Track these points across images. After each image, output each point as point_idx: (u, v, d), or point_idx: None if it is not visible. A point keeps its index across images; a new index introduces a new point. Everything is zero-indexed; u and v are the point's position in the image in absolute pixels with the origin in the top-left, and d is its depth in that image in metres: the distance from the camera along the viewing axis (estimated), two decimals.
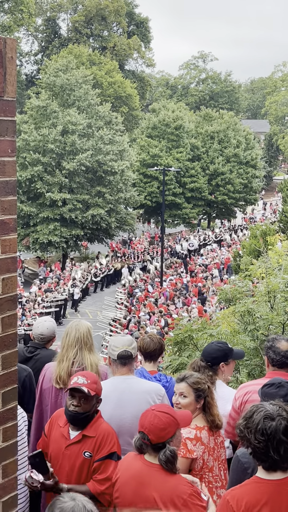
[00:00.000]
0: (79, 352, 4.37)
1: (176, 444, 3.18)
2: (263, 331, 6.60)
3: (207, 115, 52.09)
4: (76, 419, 3.63)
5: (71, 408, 3.62)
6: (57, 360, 4.47)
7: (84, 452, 3.59)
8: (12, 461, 2.83)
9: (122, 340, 4.25)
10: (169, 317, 25.39)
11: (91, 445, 3.58)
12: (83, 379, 3.62)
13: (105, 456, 3.55)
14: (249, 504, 2.74)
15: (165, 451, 3.10)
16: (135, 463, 3.23)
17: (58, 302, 28.95)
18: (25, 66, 68.24)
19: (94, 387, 3.60)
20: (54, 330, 5.51)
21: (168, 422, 3.13)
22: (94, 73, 51.98)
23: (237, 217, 52.98)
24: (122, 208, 39.53)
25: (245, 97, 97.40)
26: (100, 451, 3.56)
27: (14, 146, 2.71)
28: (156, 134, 47.98)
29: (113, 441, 3.60)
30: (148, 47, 70.96)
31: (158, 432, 3.12)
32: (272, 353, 4.23)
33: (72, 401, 3.61)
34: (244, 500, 2.76)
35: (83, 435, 3.63)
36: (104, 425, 3.66)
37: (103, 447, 3.56)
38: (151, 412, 3.18)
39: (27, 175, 35.07)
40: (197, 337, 7.25)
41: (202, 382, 3.94)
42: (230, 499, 2.80)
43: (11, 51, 2.62)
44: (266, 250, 8.55)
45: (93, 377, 3.66)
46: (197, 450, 3.74)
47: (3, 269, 2.70)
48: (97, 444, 3.57)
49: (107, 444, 3.57)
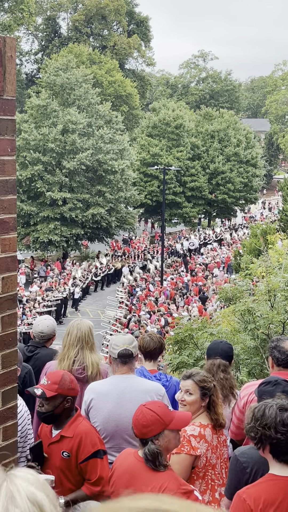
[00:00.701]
0: (80, 351, 4.39)
1: (165, 444, 3.17)
2: (263, 330, 6.61)
3: (207, 114, 52.05)
4: (41, 418, 3.69)
5: (37, 408, 3.70)
6: (58, 359, 4.48)
7: (63, 452, 3.60)
8: (13, 460, 2.83)
9: (123, 339, 4.26)
10: (170, 316, 25.40)
11: (68, 446, 3.58)
12: (44, 380, 3.67)
13: (89, 456, 3.55)
14: (267, 502, 2.75)
15: (146, 448, 3.13)
16: (128, 458, 3.26)
17: (58, 301, 28.95)
18: (25, 65, 68.24)
19: (54, 388, 3.57)
20: (54, 328, 5.52)
21: (152, 420, 3.13)
22: (94, 72, 51.94)
23: (237, 216, 52.98)
24: (122, 207, 39.53)
25: (245, 96, 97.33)
26: (81, 452, 3.55)
27: (14, 145, 2.71)
28: (156, 133, 47.96)
29: (94, 440, 3.58)
30: (148, 46, 70.92)
31: (140, 427, 3.15)
32: (277, 352, 4.23)
33: (38, 402, 3.69)
34: (261, 498, 2.77)
35: (61, 436, 3.65)
36: (82, 425, 3.64)
37: (83, 447, 3.55)
38: (141, 407, 3.23)
39: (27, 174, 35.06)
40: (197, 336, 7.26)
41: (208, 380, 3.96)
42: (247, 497, 2.81)
43: (10, 50, 2.62)
44: (266, 249, 8.55)
45: (55, 377, 3.64)
46: (201, 448, 3.76)
47: (3, 268, 2.70)
48: (76, 445, 3.56)
49: (87, 444, 3.55)
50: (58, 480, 3.58)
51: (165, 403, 4.25)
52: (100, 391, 4.08)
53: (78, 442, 3.55)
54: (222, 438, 3.93)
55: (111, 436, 4.05)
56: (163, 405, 3.26)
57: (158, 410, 3.18)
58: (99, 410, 4.05)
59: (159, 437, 3.14)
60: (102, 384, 4.18)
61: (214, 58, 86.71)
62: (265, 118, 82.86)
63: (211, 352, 4.74)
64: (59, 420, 3.66)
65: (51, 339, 5.52)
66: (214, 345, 4.83)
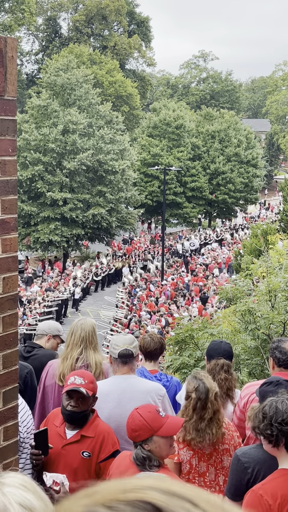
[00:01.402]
0: (84, 351, 4.39)
1: (156, 450, 3.16)
2: (264, 330, 6.61)
3: (208, 115, 52.06)
4: (73, 418, 3.64)
5: (69, 408, 3.61)
6: (61, 358, 4.49)
7: (83, 452, 3.59)
8: (13, 460, 2.83)
9: (123, 339, 4.26)
10: (170, 316, 25.39)
11: (90, 445, 3.58)
12: (80, 379, 3.61)
13: (109, 455, 3.58)
14: (285, 497, 2.77)
15: (135, 452, 3.17)
16: (124, 461, 3.29)
17: (59, 301, 28.96)
18: (25, 65, 68.24)
19: (91, 387, 3.60)
20: (49, 327, 5.52)
21: (139, 425, 3.15)
22: (95, 72, 51.94)
23: (238, 217, 52.97)
24: (123, 207, 39.52)
25: (245, 96, 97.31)
26: (102, 451, 3.58)
27: (14, 145, 2.71)
28: (157, 133, 47.95)
29: (114, 440, 3.63)
30: (149, 46, 70.92)
31: (130, 431, 3.18)
32: (279, 353, 4.23)
33: (69, 401, 3.61)
34: (278, 493, 2.79)
35: (81, 435, 3.63)
36: (102, 425, 3.67)
37: (105, 447, 3.58)
38: (133, 411, 3.24)
39: (28, 175, 35.06)
40: (198, 336, 7.26)
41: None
42: (264, 493, 2.82)
43: (11, 51, 2.63)
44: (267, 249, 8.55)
45: (89, 376, 3.66)
46: (183, 455, 3.76)
47: (3, 268, 2.70)
48: (98, 444, 3.57)
49: (109, 444, 3.59)
50: (75, 480, 3.55)
51: (166, 404, 4.26)
52: (101, 391, 4.07)
53: (101, 442, 3.58)
54: (222, 447, 3.86)
55: None
56: (153, 411, 3.22)
57: (147, 416, 3.17)
58: (99, 410, 4.05)
59: (147, 442, 3.15)
60: (103, 384, 4.17)
61: (215, 59, 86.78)
62: (265, 118, 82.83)
63: (213, 352, 4.71)
64: (88, 421, 3.67)
65: (44, 336, 5.49)
66: (215, 346, 4.79)
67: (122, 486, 0.57)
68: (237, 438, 3.96)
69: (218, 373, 4.40)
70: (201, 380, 3.80)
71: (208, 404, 3.72)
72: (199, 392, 3.74)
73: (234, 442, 3.91)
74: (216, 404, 3.78)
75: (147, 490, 0.56)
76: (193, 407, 3.75)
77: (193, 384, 3.80)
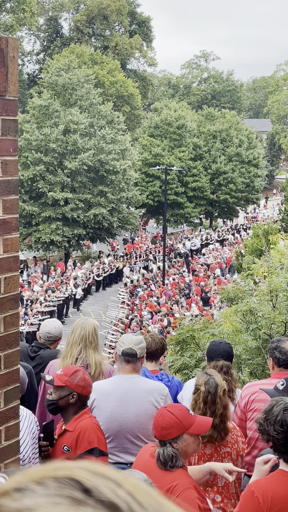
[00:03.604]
0: (83, 350, 4.39)
1: (184, 448, 3.15)
2: (265, 330, 6.60)
3: (209, 114, 52.06)
4: (46, 405, 3.75)
5: (47, 395, 3.77)
6: (61, 357, 4.50)
7: (63, 446, 3.62)
8: (15, 460, 2.84)
9: (131, 338, 4.25)
10: (172, 316, 25.39)
11: (69, 440, 3.60)
12: (60, 370, 3.76)
13: (84, 452, 3.54)
14: (276, 497, 2.79)
15: (163, 449, 3.12)
16: (146, 453, 3.27)
17: (60, 301, 28.97)
18: (27, 65, 68.27)
19: (64, 379, 3.63)
20: (61, 330, 5.54)
21: (171, 423, 3.11)
22: (96, 72, 51.93)
23: (239, 217, 52.97)
24: (124, 207, 39.51)
25: (247, 96, 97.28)
26: (78, 446, 3.56)
27: (16, 145, 2.71)
28: (158, 133, 47.95)
29: (92, 437, 3.56)
30: (150, 46, 70.92)
31: (160, 430, 3.14)
32: (278, 353, 4.23)
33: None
34: (269, 493, 2.81)
35: (64, 429, 3.68)
36: (85, 421, 3.64)
37: (80, 442, 3.56)
38: (162, 409, 3.23)
39: (29, 175, 35.07)
40: (199, 336, 7.26)
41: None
42: (255, 490, 2.84)
43: (13, 51, 2.63)
44: (268, 249, 8.55)
45: (69, 370, 3.72)
46: None
47: (5, 268, 2.70)
48: (74, 439, 3.57)
49: (84, 440, 3.55)
50: None
51: (168, 403, 4.25)
52: (103, 390, 4.08)
53: (77, 437, 3.56)
54: (224, 450, 3.84)
55: (114, 435, 4.05)
56: (184, 409, 3.23)
57: (178, 413, 3.16)
58: (101, 409, 4.05)
59: (177, 440, 3.13)
60: (105, 384, 4.17)
61: (216, 58, 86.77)
62: (267, 118, 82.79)
63: (212, 354, 4.69)
64: (64, 414, 3.70)
65: (57, 341, 5.52)
66: (214, 347, 4.76)
67: (55, 466, 0.61)
68: (242, 443, 3.93)
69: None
70: (211, 376, 3.82)
71: (217, 399, 3.73)
72: (209, 385, 3.75)
73: (238, 446, 3.88)
74: (225, 399, 3.80)
75: (76, 469, 0.60)
76: (203, 400, 3.76)
77: (203, 378, 3.82)
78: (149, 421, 4.09)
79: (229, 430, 3.83)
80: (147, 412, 4.03)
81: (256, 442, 4.23)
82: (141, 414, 4.04)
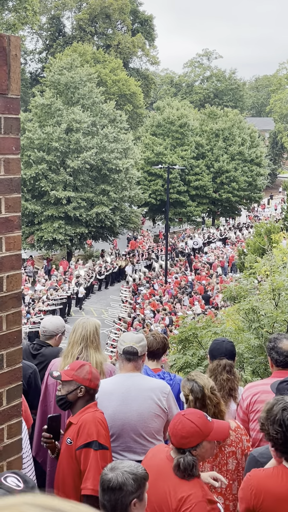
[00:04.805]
0: (84, 350, 4.39)
1: (203, 454, 3.12)
2: (268, 329, 6.60)
3: (212, 113, 52.03)
4: (57, 401, 3.81)
5: (57, 391, 3.84)
6: (62, 356, 4.50)
7: (67, 439, 3.66)
8: (17, 458, 2.84)
9: (131, 336, 4.24)
10: (174, 315, 25.39)
11: (72, 432, 3.64)
12: (67, 367, 3.84)
13: (83, 444, 3.55)
14: (270, 491, 2.83)
15: (182, 457, 3.04)
16: (160, 454, 3.21)
17: (63, 299, 29.00)
18: (29, 64, 68.29)
19: (71, 374, 3.71)
20: (57, 326, 5.51)
21: (191, 432, 3.05)
22: (99, 71, 51.97)
23: (241, 215, 52.94)
24: (126, 206, 39.52)
25: (249, 95, 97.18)
26: (78, 438, 3.58)
27: (18, 143, 2.72)
28: (161, 132, 47.94)
29: (92, 430, 3.57)
30: (153, 45, 70.90)
31: (179, 438, 3.06)
32: (275, 354, 4.20)
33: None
34: (265, 485, 2.85)
35: (69, 422, 3.73)
36: (89, 414, 3.66)
37: (81, 434, 3.58)
38: (179, 416, 3.14)
39: (32, 173, 35.09)
40: (201, 335, 7.25)
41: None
42: (252, 477, 2.92)
43: (15, 49, 2.63)
44: (270, 248, 8.54)
45: (75, 365, 3.78)
46: None
47: (7, 266, 2.70)
48: (76, 431, 3.60)
49: (85, 432, 3.57)
50: (62, 468, 3.66)
51: (171, 401, 4.25)
52: (105, 389, 4.08)
53: (78, 429, 3.59)
54: (228, 450, 3.83)
55: (117, 434, 4.05)
56: (202, 416, 3.17)
57: (197, 421, 3.09)
58: (104, 408, 4.05)
59: (197, 448, 3.08)
60: (107, 383, 4.17)
61: (219, 57, 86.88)
62: (269, 117, 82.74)
63: (215, 352, 4.66)
64: (73, 409, 3.75)
65: (54, 337, 5.50)
66: (217, 345, 4.72)
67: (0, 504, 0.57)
68: (246, 442, 3.90)
69: (220, 373, 4.37)
70: (193, 381, 3.75)
71: (206, 401, 3.71)
72: (195, 392, 3.70)
73: (242, 445, 3.86)
74: (215, 397, 3.74)
75: (23, 505, 0.57)
76: (193, 408, 3.74)
77: (187, 386, 3.76)
78: (151, 419, 4.09)
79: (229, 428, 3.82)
80: (149, 410, 4.03)
81: (259, 443, 4.21)
82: (144, 412, 4.04)
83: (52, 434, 3.81)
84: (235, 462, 3.82)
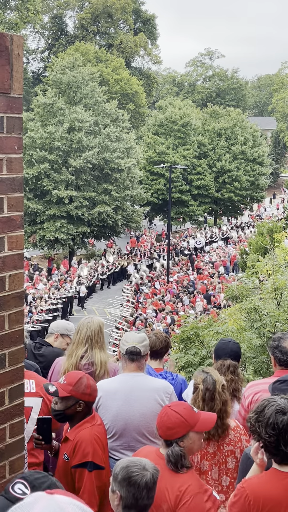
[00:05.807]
0: (89, 350, 4.39)
1: (190, 445, 3.14)
2: (270, 328, 6.60)
3: (214, 112, 51.98)
4: (53, 415, 3.65)
5: (52, 404, 3.67)
6: (66, 355, 4.50)
7: (64, 454, 3.55)
8: (19, 457, 2.84)
9: (134, 336, 4.24)
10: (176, 314, 25.38)
11: (68, 448, 3.52)
12: (62, 379, 3.62)
13: (78, 464, 3.44)
14: (267, 497, 2.78)
15: (170, 449, 3.09)
16: (150, 455, 3.22)
17: (65, 299, 29.03)
18: (31, 63, 68.33)
19: (68, 389, 3.51)
20: (59, 326, 5.53)
21: (177, 422, 3.09)
22: (101, 70, 51.94)
23: (243, 215, 52.90)
24: (128, 205, 39.52)
25: (252, 94, 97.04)
26: (74, 457, 3.47)
27: (20, 143, 2.72)
28: (163, 131, 47.92)
29: (87, 449, 3.44)
30: (155, 44, 70.83)
31: (165, 429, 3.12)
32: (279, 353, 4.20)
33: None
34: (261, 492, 2.80)
35: (65, 437, 3.61)
36: (85, 431, 3.52)
37: (76, 453, 3.46)
38: (165, 409, 3.20)
39: (34, 173, 35.10)
40: (203, 334, 7.25)
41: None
42: (247, 487, 2.84)
43: (17, 48, 2.63)
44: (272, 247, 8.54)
45: (72, 378, 3.58)
46: None
47: (10, 265, 2.70)
48: (72, 449, 3.48)
49: (79, 452, 3.44)
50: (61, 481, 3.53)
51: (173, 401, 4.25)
52: (108, 389, 4.07)
53: (74, 447, 3.48)
54: (227, 448, 3.82)
55: (120, 434, 4.05)
56: (188, 407, 3.21)
57: (183, 412, 3.14)
58: (107, 408, 4.05)
59: (183, 439, 3.11)
60: (110, 382, 4.17)
61: (221, 56, 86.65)
62: (271, 116, 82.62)
63: (220, 352, 4.67)
64: (72, 422, 3.61)
65: (52, 335, 5.51)
66: (223, 345, 4.74)
67: None
68: (246, 442, 3.90)
69: (224, 374, 4.36)
70: (208, 373, 3.82)
71: (216, 395, 3.73)
72: (207, 382, 3.75)
73: (241, 445, 3.86)
74: (224, 395, 3.78)
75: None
76: (202, 398, 3.76)
77: (200, 376, 3.82)
78: (154, 419, 4.08)
79: (229, 427, 3.82)
80: (152, 410, 4.03)
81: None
82: (147, 412, 4.04)
83: (42, 436, 3.70)
84: (235, 461, 3.82)
